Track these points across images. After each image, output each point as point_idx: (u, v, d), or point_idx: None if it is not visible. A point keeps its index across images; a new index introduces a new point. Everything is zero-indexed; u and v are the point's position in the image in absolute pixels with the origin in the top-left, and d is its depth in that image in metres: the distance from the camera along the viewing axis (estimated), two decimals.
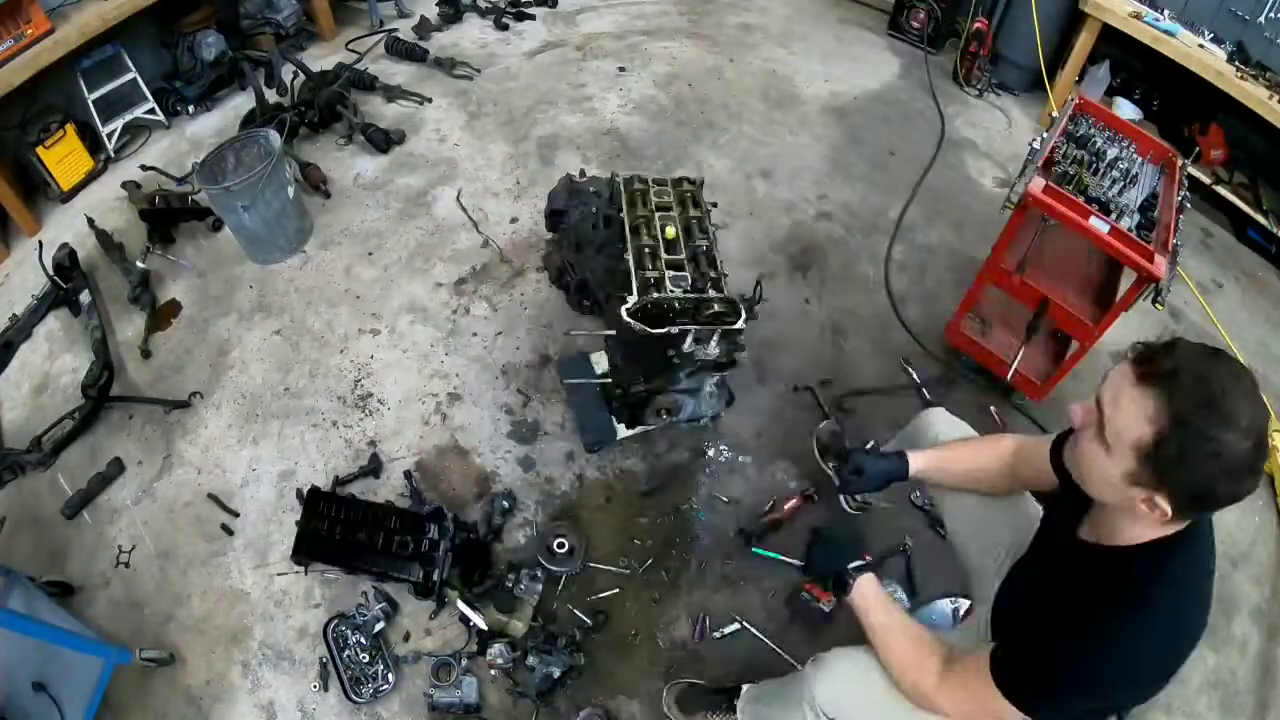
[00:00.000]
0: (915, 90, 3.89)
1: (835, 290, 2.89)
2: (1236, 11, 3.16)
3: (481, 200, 3.14)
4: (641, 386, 2.09)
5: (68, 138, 3.07)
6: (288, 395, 2.50)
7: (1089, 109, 2.41)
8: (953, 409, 2.55)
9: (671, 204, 2.18)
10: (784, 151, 3.45)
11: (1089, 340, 2.17)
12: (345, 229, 3.02)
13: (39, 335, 2.70)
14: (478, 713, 1.89)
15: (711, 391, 2.24)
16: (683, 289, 1.93)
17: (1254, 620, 2.19)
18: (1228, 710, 2.03)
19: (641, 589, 2.11)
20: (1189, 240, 3.21)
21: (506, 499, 2.22)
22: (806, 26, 4.34)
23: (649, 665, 1.99)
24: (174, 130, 3.49)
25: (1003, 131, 3.72)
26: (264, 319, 2.72)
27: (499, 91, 3.69)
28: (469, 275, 2.86)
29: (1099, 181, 2.18)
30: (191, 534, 2.21)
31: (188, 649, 2.01)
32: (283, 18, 3.75)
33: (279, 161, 2.71)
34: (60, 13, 2.94)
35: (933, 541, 2.19)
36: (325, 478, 2.29)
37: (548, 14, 4.29)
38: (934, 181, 3.36)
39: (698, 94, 3.73)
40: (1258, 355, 2.84)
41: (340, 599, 2.07)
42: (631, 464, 2.36)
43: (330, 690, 1.93)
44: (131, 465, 2.35)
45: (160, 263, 2.88)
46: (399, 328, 2.69)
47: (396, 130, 3.37)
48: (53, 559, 2.17)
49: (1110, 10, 3.25)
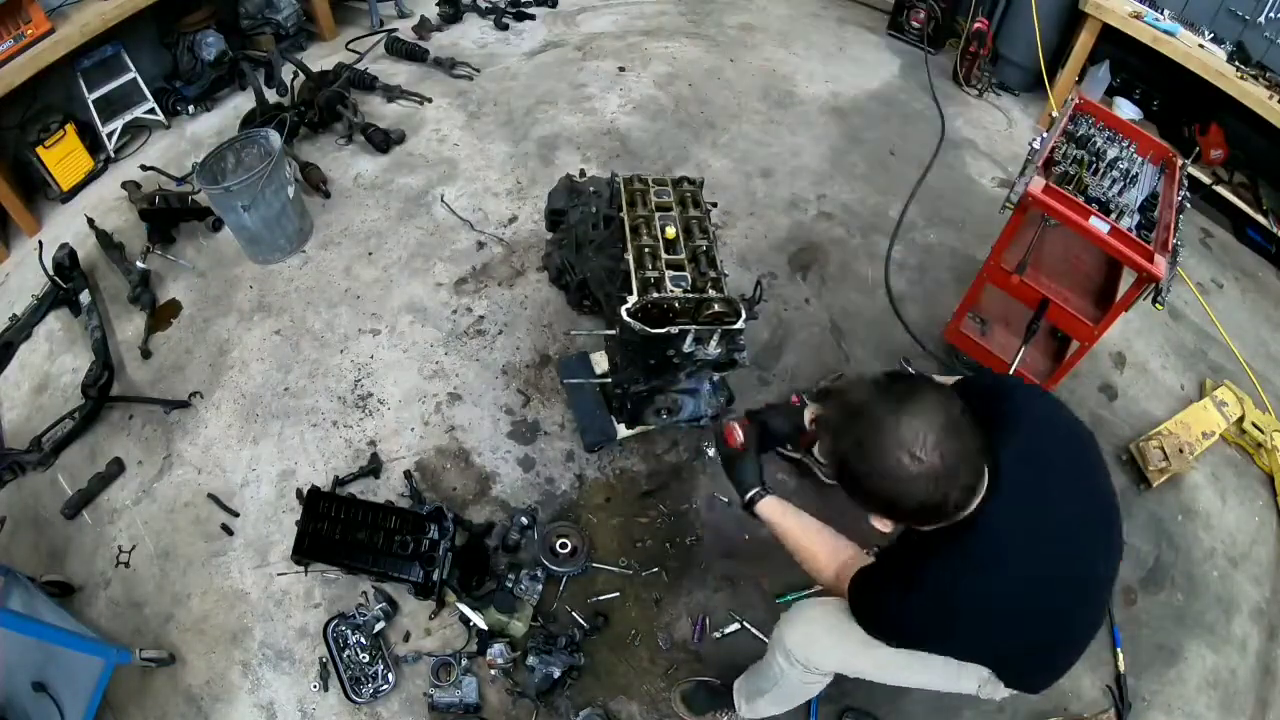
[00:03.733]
0: (915, 90, 3.89)
1: (835, 290, 2.89)
2: (1236, 11, 3.16)
3: (481, 200, 3.14)
4: (641, 386, 2.09)
5: (68, 138, 3.07)
6: (288, 395, 2.50)
7: (1089, 109, 2.41)
8: None
9: (671, 204, 2.18)
10: (784, 151, 3.45)
11: (1089, 340, 2.17)
12: (345, 229, 3.02)
13: (39, 335, 2.70)
14: (478, 713, 1.89)
15: (711, 391, 2.24)
16: (683, 289, 1.93)
17: (1254, 620, 2.20)
18: (1227, 709, 2.03)
19: (642, 589, 2.11)
20: (1189, 240, 3.21)
21: (527, 515, 2.16)
22: (806, 26, 4.34)
23: (649, 665, 1.99)
24: (174, 130, 3.49)
25: (1003, 131, 3.72)
26: (264, 319, 2.72)
27: (499, 91, 3.69)
28: (469, 275, 2.86)
29: (1099, 181, 2.18)
30: (191, 534, 2.21)
31: (188, 649, 2.01)
32: (283, 18, 3.75)
33: (279, 161, 2.70)
34: (60, 13, 2.94)
35: None
36: (325, 478, 2.29)
37: (548, 14, 4.29)
38: (934, 181, 3.36)
39: (698, 94, 3.73)
40: (1258, 355, 2.85)
41: (340, 599, 2.07)
42: (631, 464, 2.36)
43: (330, 690, 1.93)
44: (131, 465, 2.35)
45: (160, 263, 2.88)
46: (399, 328, 2.69)
47: (396, 130, 3.37)
48: (53, 559, 2.18)
49: (1110, 10, 3.25)
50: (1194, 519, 2.37)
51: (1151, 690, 2.03)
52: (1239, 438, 2.54)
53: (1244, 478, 2.49)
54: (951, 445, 1.06)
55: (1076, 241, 2.25)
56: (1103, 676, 2.03)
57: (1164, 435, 2.43)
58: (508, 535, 2.13)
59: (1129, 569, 2.22)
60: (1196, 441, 2.45)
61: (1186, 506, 2.39)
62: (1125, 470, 2.43)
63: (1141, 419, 2.56)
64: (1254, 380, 2.72)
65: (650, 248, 2.01)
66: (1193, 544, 2.31)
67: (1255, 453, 2.52)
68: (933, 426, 1.06)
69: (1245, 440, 2.53)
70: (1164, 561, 2.26)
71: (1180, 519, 2.36)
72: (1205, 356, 2.80)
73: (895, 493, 1.09)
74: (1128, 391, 2.64)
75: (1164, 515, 2.36)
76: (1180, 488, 2.42)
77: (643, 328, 1.83)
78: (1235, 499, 2.43)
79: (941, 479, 1.06)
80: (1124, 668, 2.03)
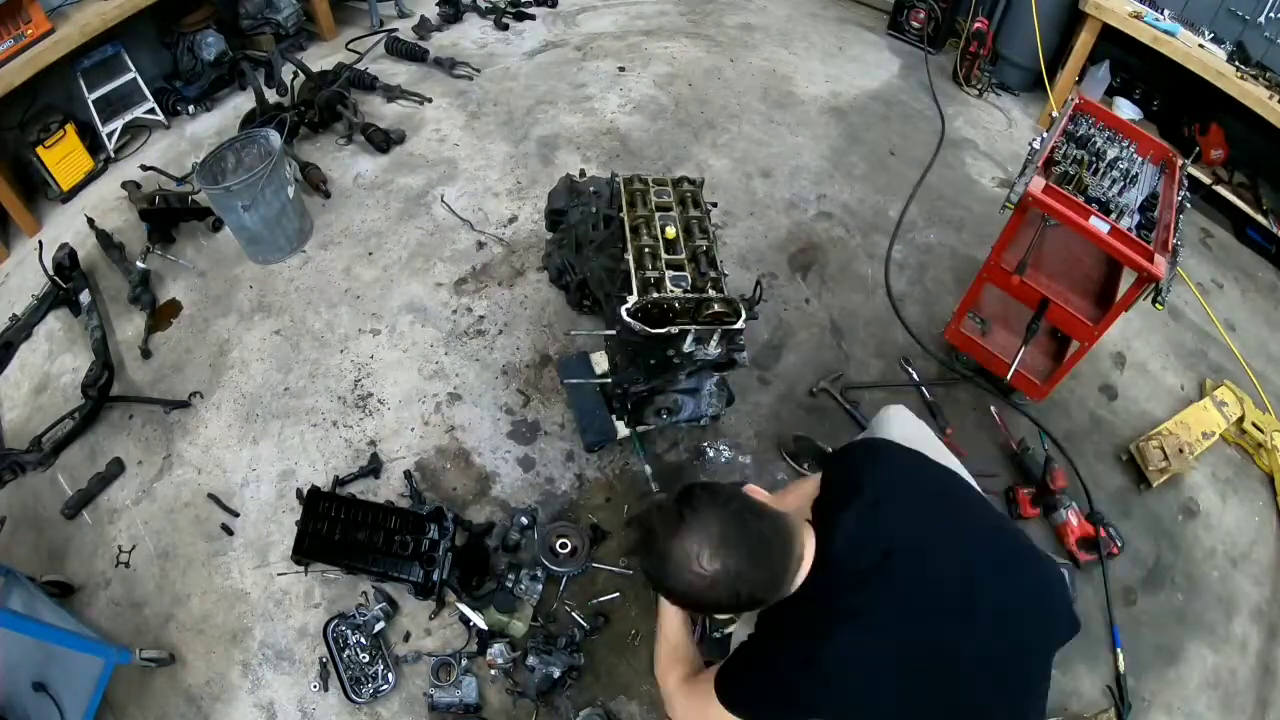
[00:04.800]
0: (915, 90, 3.89)
1: (835, 290, 2.89)
2: (1236, 11, 3.16)
3: (482, 200, 3.14)
4: (642, 386, 2.09)
5: (68, 138, 3.07)
6: (288, 395, 2.50)
7: (1089, 109, 2.41)
8: (953, 408, 2.57)
9: (671, 204, 2.18)
10: (784, 151, 3.45)
11: (1089, 340, 2.17)
12: (345, 229, 3.02)
13: (39, 335, 2.70)
14: (478, 713, 1.89)
15: (711, 391, 2.24)
16: (683, 289, 1.93)
17: (1254, 620, 2.20)
18: (1228, 709, 2.03)
19: (642, 589, 2.11)
20: (1189, 240, 3.21)
21: (527, 515, 2.16)
22: (806, 26, 4.34)
23: (649, 665, 1.99)
24: (174, 130, 3.49)
25: (1003, 131, 3.72)
26: (264, 319, 2.72)
27: (499, 91, 3.69)
28: (469, 275, 2.86)
29: (1099, 181, 2.18)
30: (191, 534, 2.21)
31: (188, 649, 2.01)
32: (283, 18, 3.75)
33: (279, 161, 2.70)
34: (60, 13, 2.94)
35: None
36: (325, 477, 2.29)
37: (548, 14, 4.29)
38: (934, 181, 3.36)
39: (698, 94, 3.72)
40: (1258, 355, 2.85)
41: (340, 599, 2.07)
42: (632, 464, 2.36)
43: (330, 690, 1.93)
44: (131, 465, 2.35)
45: (160, 263, 2.88)
46: (399, 328, 2.69)
47: (396, 130, 3.37)
48: (53, 559, 2.18)
49: (1110, 10, 3.25)
50: (1194, 519, 2.37)
51: (1151, 690, 2.04)
52: (1239, 438, 2.54)
53: (1244, 478, 2.49)
54: (731, 550, 1.14)
55: (1076, 241, 2.25)
56: (1103, 676, 2.03)
57: (1164, 435, 2.43)
58: (508, 535, 2.13)
59: (1129, 569, 2.22)
60: (1196, 441, 2.45)
61: (1186, 506, 2.39)
62: (1125, 470, 2.43)
63: (1141, 419, 2.56)
64: (1254, 380, 2.72)
65: (650, 248, 2.02)
66: (1193, 544, 2.31)
67: (1255, 453, 2.52)
68: (707, 540, 1.14)
69: (1245, 440, 2.53)
70: (1164, 561, 2.26)
71: (1180, 519, 2.36)
72: (1205, 356, 2.80)
73: (700, 598, 1.17)
74: (1128, 391, 2.64)
75: (1164, 515, 2.36)
76: (1180, 488, 2.42)
77: (643, 328, 1.83)
78: (1235, 499, 2.43)
79: (733, 580, 1.14)
80: (1124, 668, 2.03)
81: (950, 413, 2.50)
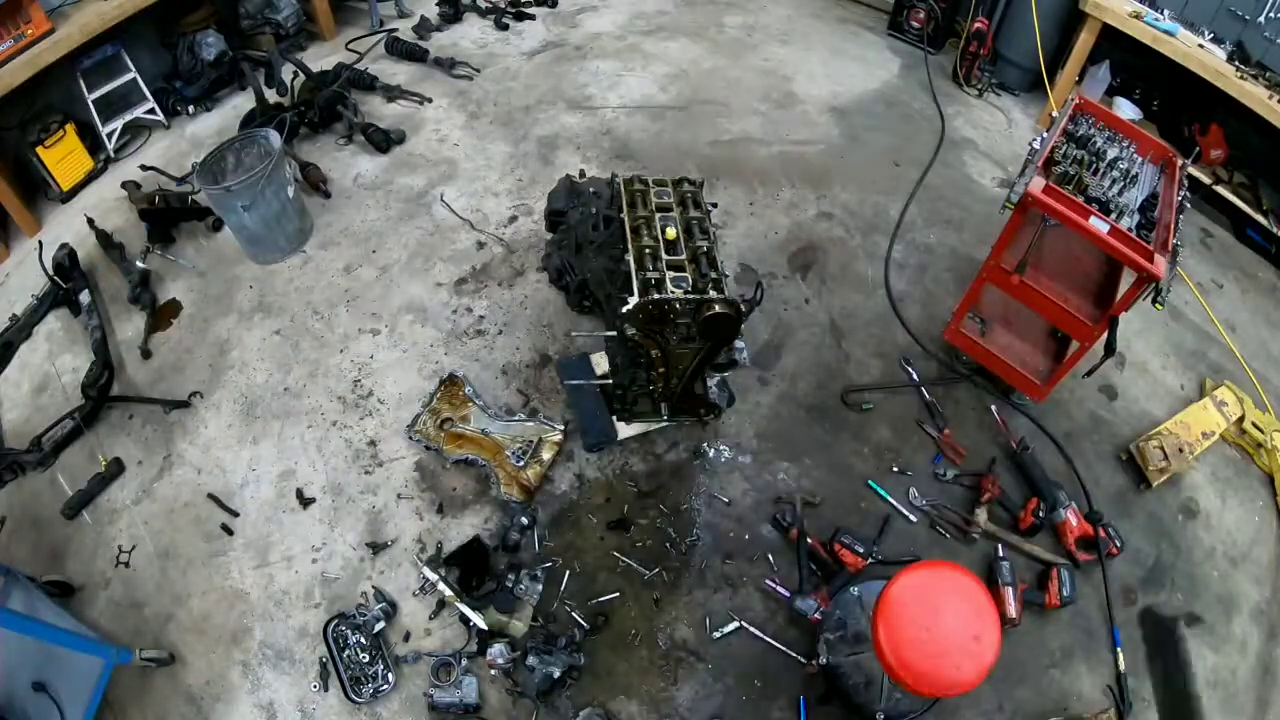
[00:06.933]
0: (915, 90, 3.89)
1: (835, 290, 2.89)
2: (1236, 11, 3.16)
3: (482, 200, 3.14)
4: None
5: (68, 138, 3.07)
6: (287, 395, 2.50)
7: (1089, 109, 2.41)
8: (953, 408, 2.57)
9: (672, 205, 2.18)
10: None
11: (1089, 340, 2.17)
12: (345, 229, 3.02)
13: (39, 335, 2.70)
14: (478, 713, 1.89)
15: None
16: (683, 290, 1.93)
17: (1254, 620, 2.20)
18: (1228, 709, 2.03)
19: (642, 589, 2.11)
20: (1189, 240, 3.21)
21: (527, 515, 2.16)
22: (806, 26, 4.33)
23: (649, 665, 1.99)
24: (174, 130, 3.49)
25: (1003, 131, 3.72)
26: (264, 319, 2.72)
27: (499, 91, 3.69)
28: (469, 275, 2.86)
29: (1099, 181, 2.18)
30: (191, 534, 2.21)
31: (188, 649, 2.01)
32: (283, 18, 3.75)
33: (279, 161, 2.70)
34: (60, 13, 2.94)
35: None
36: (325, 477, 2.29)
37: (548, 14, 4.29)
38: (934, 181, 3.36)
39: (698, 94, 3.72)
40: (1258, 355, 2.84)
41: (340, 599, 2.07)
42: (631, 464, 2.36)
43: (330, 690, 1.93)
44: (131, 465, 2.35)
45: (160, 263, 2.88)
46: (399, 328, 2.69)
47: (396, 130, 3.37)
48: (53, 559, 2.18)
49: (1110, 10, 3.25)
50: (1194, 519, 2.37)
51: (1152, 690, 2.03)
52: (1239, 438, 2.54)
53: (1244, 478, 2.49)
54: None
55: (1076, 241, 2.25)
56: (1103, 676, 2.03)
57: (1164, 435, 2.43)
58: (508, 535, 2.13)
59: (1130, 569, 2.22)
60: (1196, 441, 2.45)
61: (1186, 506, 2.39)
62: (1125, 470, 2.43)
63: (1141, 419, 2.56)
64: (1254, 380, 2.72)
65: (651, 248, 2.01)
66: (1193, 544, 2.31)
67: (1255, 453, 2.52)
68: None
69: (1245, 440, 2.53)
70: (1164, 561, 2.26)
71: (1180, 519, 2.36)
72: (1205, 356, 2.80)
73: None
74: (1128, 391, 2.64)
75: (1164, 515, 2.36)
76: (1180, 488, 2.42)
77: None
78: (1235, 499, 2.43)
79: None
80: (1124, 668, 2.03)
81: (950, 413, 2.50)
